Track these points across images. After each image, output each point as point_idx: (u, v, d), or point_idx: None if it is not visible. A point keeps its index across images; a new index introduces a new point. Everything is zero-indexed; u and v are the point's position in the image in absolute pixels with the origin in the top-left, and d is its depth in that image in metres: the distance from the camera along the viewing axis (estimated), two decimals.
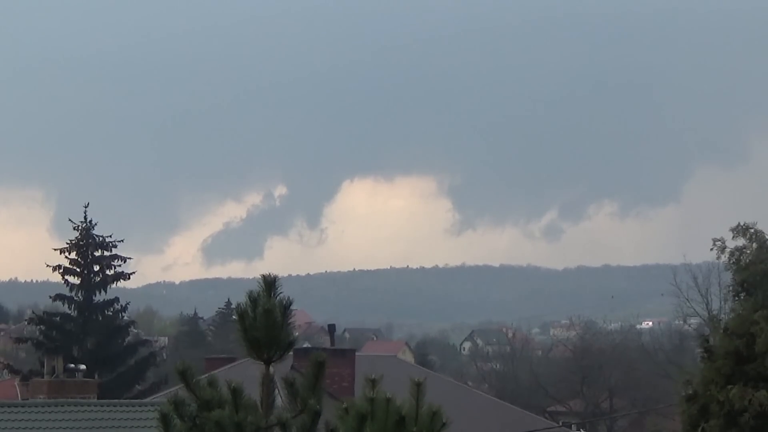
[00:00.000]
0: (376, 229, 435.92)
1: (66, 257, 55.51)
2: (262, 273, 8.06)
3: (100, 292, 55.93)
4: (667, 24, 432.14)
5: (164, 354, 77.22)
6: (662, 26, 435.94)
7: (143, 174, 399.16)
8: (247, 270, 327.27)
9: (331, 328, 48.52)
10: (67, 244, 55.55)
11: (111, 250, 56.02)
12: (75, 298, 55.49)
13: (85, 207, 56.11)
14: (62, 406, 28.79)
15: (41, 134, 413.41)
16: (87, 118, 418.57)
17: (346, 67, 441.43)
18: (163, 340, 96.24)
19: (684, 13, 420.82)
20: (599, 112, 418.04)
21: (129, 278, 56.79)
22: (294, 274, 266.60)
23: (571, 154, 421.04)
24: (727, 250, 19.98)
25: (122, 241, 56.67)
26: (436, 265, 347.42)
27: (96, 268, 55.80)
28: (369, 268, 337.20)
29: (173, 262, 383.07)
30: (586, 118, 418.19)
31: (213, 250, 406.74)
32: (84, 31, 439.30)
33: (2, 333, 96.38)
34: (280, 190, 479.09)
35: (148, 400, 36.11)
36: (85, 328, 55.13)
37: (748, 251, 19.80)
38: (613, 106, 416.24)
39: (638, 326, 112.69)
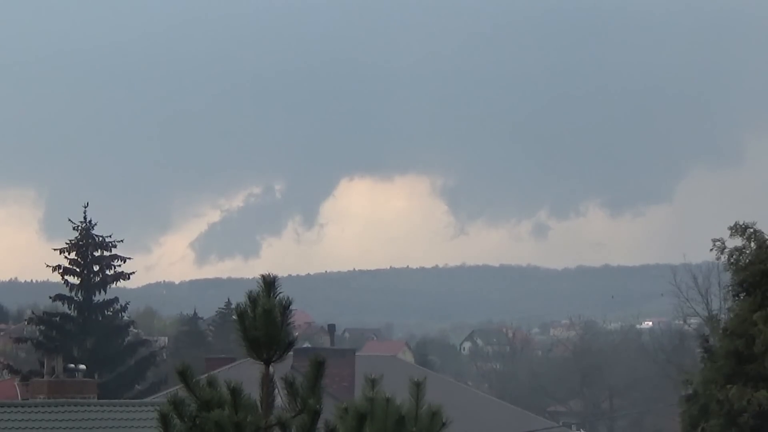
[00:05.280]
0: (376, 228, 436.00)
1: (66, 257, 55.59)
2: (261, 273, 8.08)
3: (99, 292, 55.97)
4: (663, 23, 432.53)
5: (164, 354, 77.20)
6: (659, 25, 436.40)
7: (136, 172, 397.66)
8: (243, 268, 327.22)
9: (331, 328, 48.69)
10: (67, 244, 55.62)
11: (111, 250, 56.08)
12: (75, 298, 55.54)
13: (85, 207, 56.24)
14: (62, 406, 28.82)
15: (35, 132, 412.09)
16: (79, 117, 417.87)
17: (345, 65, 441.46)
18: (163, 340, 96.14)
19: (680, 13, 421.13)
20: (596, 111, 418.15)
21: (129, 278, 56.89)
22: (294, 274, 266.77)
23: (570, 153, 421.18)
24: (727, 250, 19.97)
25: (122, 241, 56.80)
26: (436, 265, 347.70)
27: (96, 268, 55.85)
28: (369, 268, 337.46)
29: (170, 261, 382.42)
30: (583, 117, 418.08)
31: (208, 247, 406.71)
32: (78, 28, 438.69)
33: (2, 333, 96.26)
34: (279, 188, 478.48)
35: (148, 400, 36.13)
36: (84, 328, 55.17)
37: (748, 251, 19.80)
38: (611, 105, 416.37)
39: (638, 326, 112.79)
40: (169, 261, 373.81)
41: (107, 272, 55.92)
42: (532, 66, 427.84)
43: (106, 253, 55.95)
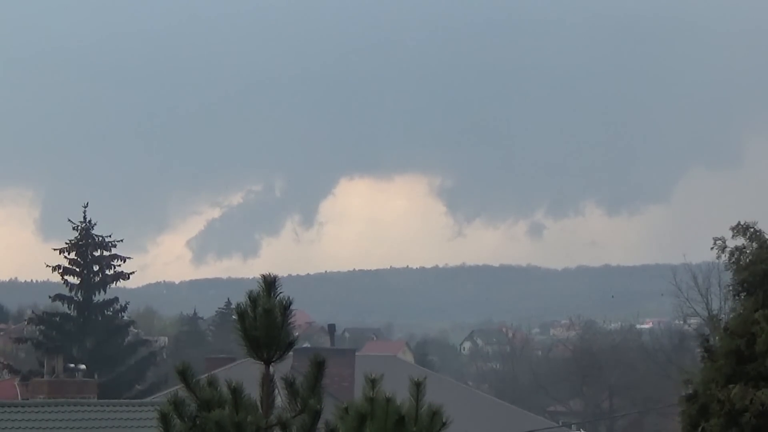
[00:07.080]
0: (376, 228, 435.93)
1: (65, 257, 55.61)
2: (262, 273, 8.07)
3: (99, 292, 56.01)
4: (662, 20, 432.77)
5: (164, 354, 77.24)
6: (658, 23, 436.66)
7: (133, 171, 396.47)
8: (243, 268, 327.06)
9: (331, 328, 48.59)
10: (66, 244, 55.65)
11: (110, 250, 56.12)
12: (75, 298, 55.57)
13: (84, 207, 56.30)
14: (62, 406, 28.83)
15: (32, 132, 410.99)
16: (76, 116, 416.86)
17: (345, 64, 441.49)
18: (163, 340, 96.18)
19: (678, 13, 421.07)
20: (594, 111, 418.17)
21: (128, 278, 56.93)
22: (294, 273, 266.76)
23: (567, 152, 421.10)
24: (727, 249, 19.95)
25: (122, 240, 56.84)
26: (436, 265, 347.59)
27: (95, 268, 55.88)
28: (369, 268, 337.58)
29: (167, 260, 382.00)
30: (581, 117, 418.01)
31: (206, 245, 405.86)
32: (74, 27, 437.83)
33: (2, 333, 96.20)
34: (279, 186, 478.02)
35: (148, 400, 36.13)
36: (84, 328, 55.19)
37: (748, 251, 19.78)
38: (609, 103, 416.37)
39: (638, 326, 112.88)
40: (166, 260, 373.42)
41: (107, 272, 55.96)
42: (529, 63, 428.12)
43: (105, 253, 56.00)
